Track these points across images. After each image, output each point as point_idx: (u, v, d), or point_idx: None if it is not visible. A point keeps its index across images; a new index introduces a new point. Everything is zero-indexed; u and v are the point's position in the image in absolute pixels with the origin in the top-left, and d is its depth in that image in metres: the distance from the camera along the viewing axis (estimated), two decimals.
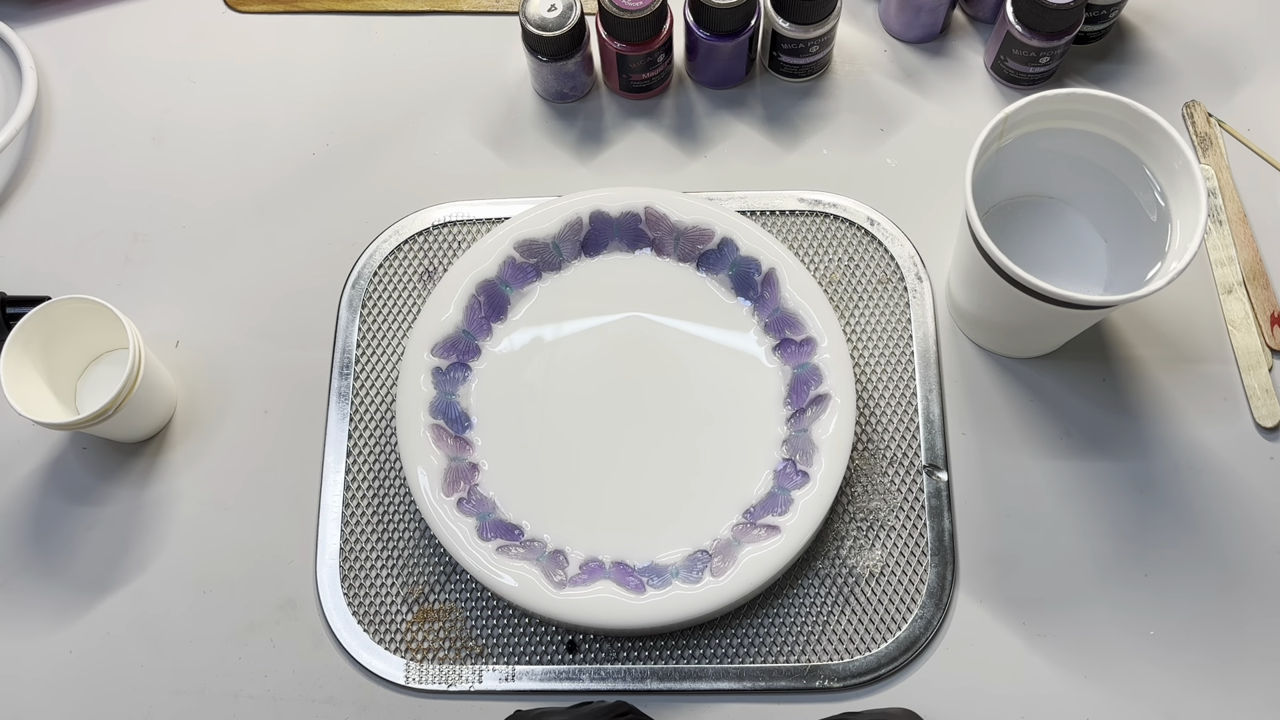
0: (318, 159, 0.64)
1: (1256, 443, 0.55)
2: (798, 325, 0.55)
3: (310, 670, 0.53)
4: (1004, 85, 0.64)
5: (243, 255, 0.62)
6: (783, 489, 0.52)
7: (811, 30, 0.60)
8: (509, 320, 0.57)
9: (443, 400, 0.55)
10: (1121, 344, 0.57)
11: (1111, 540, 0.54)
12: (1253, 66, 0.63)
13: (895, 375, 0.57)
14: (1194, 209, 0.47)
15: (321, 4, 0.68)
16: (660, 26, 0.59)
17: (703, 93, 0.64)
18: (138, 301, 0.60)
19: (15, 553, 0.55)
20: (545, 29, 0.59)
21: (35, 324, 0.53)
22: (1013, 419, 0.56)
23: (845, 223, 0.60)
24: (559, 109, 0.64)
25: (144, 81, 0.66)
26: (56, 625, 0.54)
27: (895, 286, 0.59)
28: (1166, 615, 0.52)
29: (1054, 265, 0.55)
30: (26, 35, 0.67)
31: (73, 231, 0.62)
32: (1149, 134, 0.49)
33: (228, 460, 0.57)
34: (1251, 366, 0.56)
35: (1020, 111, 0.50)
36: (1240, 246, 0.59)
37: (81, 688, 0.53)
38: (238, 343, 0.59)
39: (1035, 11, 0.57)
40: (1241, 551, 0.53)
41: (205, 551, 0.55)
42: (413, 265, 0.60)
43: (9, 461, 0.57)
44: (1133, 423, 0.56)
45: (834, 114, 0.63)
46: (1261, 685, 0.51)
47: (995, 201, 0.56)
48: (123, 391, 0.52)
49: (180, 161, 0.64)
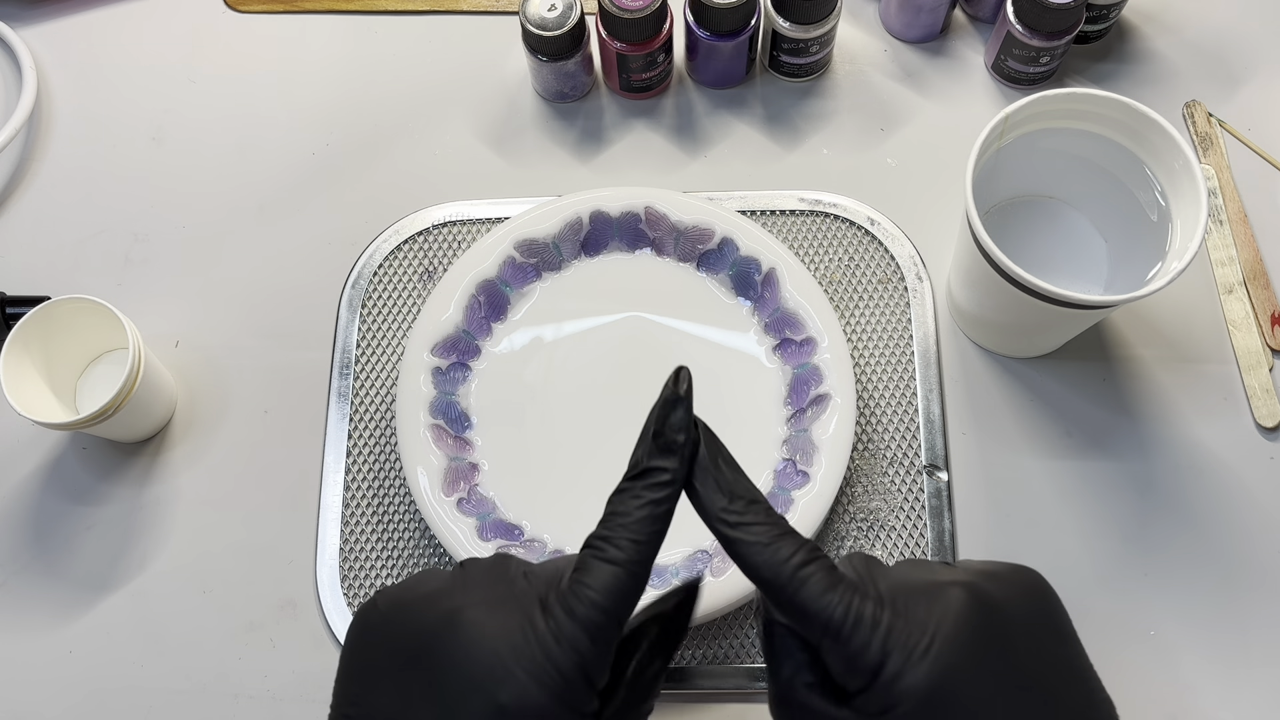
0: (318, 159, 0.64)
1: (1257, 443, 0.55)
2: (798, 325, 0.55)
3: (310, 670, 0.53)
4: (1004, 85, 0.63)
5: (243, 255, 0.61)
6: (783, 489, 0.52)
7: (812, 30, 0.60)
8: (509, 320, 0.57)
9: (443, 400, 0.55)
10: (1122, 344, 0.57)
11: (1111, 540, 0.54)
12: (1253, 66, 0.63)
13: (895, 375, 0.57)
14: (1194, 209, 0.47)
15: (321, 4, 0.68)
16: (660, 26, 0.59)
17: (703, 92, 0.64)
18: (138, 301, 0.60)
19: (15, 553, 0.55)
20: (545, 29, 0.59)
21: (35, 324, 0.53)
22: (1013, 419, 0.56)
23: (845, 223, 0.60)
24: (559, 109, 0.64)
25: (144, 81, 0.66)
26: (56, 625, 0.54)
27: (895, 286, 0.59)
28: (1166, 615, 0.52)
29: (1054, 265, 0.55)
30: (26, 35, 0.67)
31: (73, 231, 0.62)
32: (1149, 134, 0.49)
33: (228, 460, 0.57)
34: (1252, 366, 0.56)
35: (1020, 111, 0.50)
36: (1241, 246, 0.59)
37: (81, 687, 0.53)
38: (238, 343, 0.59)
39: (1035, 11, 0.57)
40: (1241, 551, 0.53)
41: (205, 551, 0.55)
42: (413, 265, 0.60)
43: (9, 461, 0.57)
44: (1133, 423, 0.56)
45: (834, 114, 0.63)
46: (1262, 685, 0.51)
47: (995, 201, 0.56)
48: (123, 391, 0.52)
49: (180, 161, 0.64)
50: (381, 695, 0.34)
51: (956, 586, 0.34)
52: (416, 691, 0.33)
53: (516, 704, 0.32)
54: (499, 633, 0.33)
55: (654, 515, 0.34)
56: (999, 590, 0.35)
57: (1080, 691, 0.34)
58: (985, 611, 0.33)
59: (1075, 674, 0.34)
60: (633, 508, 0.34)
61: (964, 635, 0.33)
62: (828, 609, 0.33)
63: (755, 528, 0.34)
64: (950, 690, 0.32)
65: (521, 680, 0.32)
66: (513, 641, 0.32)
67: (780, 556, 0.33)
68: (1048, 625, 0.35)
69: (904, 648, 0.32)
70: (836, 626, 0.33)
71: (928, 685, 0.32)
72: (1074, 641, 0.35)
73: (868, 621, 0.33)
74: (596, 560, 0.33)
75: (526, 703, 0.32)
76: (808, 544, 0.34)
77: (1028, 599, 0.35)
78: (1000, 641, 0.33)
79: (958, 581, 0.34)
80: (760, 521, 0.34)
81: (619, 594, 0.33)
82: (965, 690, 0.32)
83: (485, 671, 0.32)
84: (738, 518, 0.34)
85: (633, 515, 0.34)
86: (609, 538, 0.34)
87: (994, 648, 0.33)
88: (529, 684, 0.32)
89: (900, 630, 0.33)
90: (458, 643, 0.33)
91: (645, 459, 0.34)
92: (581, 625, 0.32)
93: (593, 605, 0.33)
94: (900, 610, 0.33)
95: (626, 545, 0.33)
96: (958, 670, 0.32)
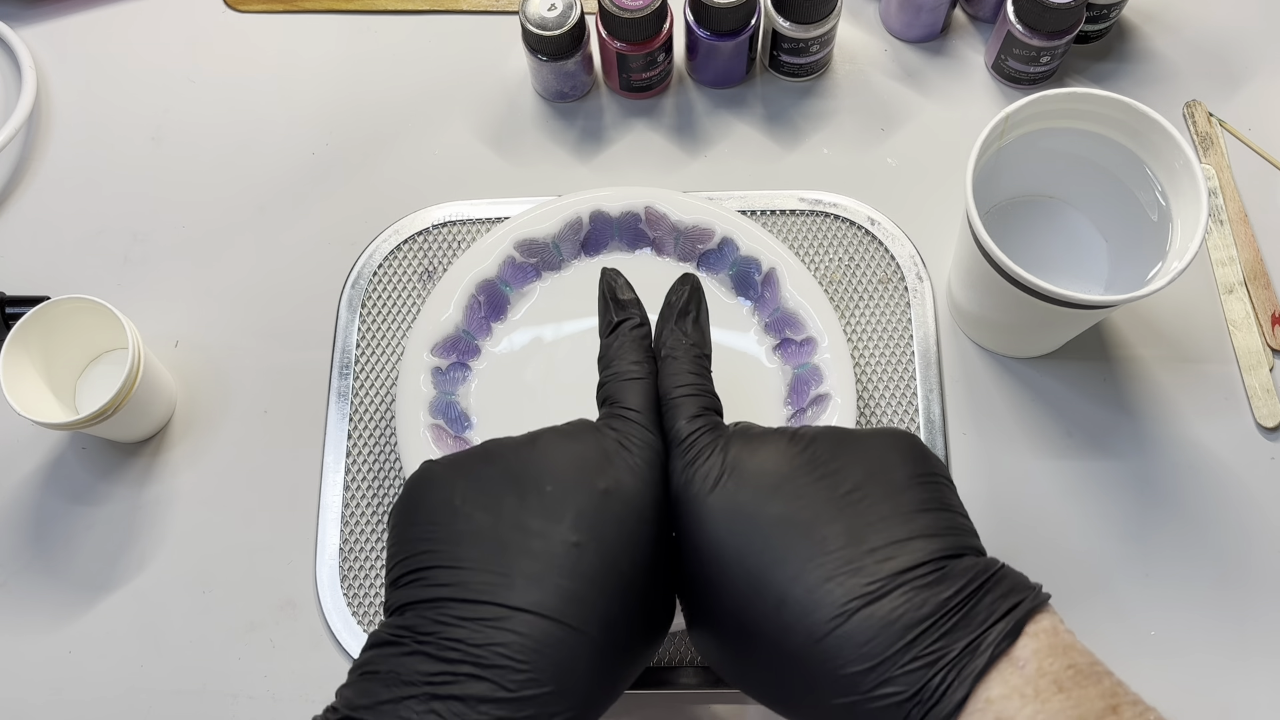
0: (317, 159, 0.64)
1: (1257, 443, 0.55)
2: (798, 325, 0.55)
3: (310, 670, 0.53)
4: (1004, 85, 0.63)
5: (243, 255, 0.61)
6: None
7: (812, 30, 0.60)
8: (509, 320, 0.57)
9: (442, 400, 0.54)
10: (1122, 344, 0.57)
11: (1111, 540, 0.53)
12: (1253, 66, 0.63)
13: (896, 375, 0.57)
14: (1195, 208, 0.47)
15: (321, 4, 0.68)
16: (660, 26, 0.59)
17: (703, 92, 0.64)
18: (137, 301, 0.60)
19: (15, 553, 0.55)
20: (545, 28, 0.59)
21: (34, 324, 0.53)
22: (1013, 419, 0.56)
23: (845, 222, 0.60)
24: (559, 109, 0.64)
25: (143, 81, 0.66)
26: (56, 625, 0.54)
27: (896, 286, 0.59)
28: (1166, 615, 0.52)
29: (1055, 265, 0.55)
30: (26, 35, 0.67)
31: (72, 231, 0.62)
32: (1150, 133, 0.49)
33: (228, 460, 0.57)
34: (1252, 366, 0.56)
35: (1021, 111, 0.50)
36: (1241, 246, 0.59)
37: (81, 688, 0.53)
38: (237, 343, 0.59)
39: (1036, 11, 0.57)
40: (1242, 551, 0.53)
41: (205, 551, 0.55)
42: (412, 265, 0.60)
43: (9, 461, 0.57)
44: (1133, 422, 0.56)
45: (834, 113, 0.63)
46: (1263, 685, 0.51)
47: (996, 201, 0.56)
48: (122, 391, 0.51)
49: (180, 161, 0.64)
50: (465, 520, 0.36)
51: (790, 433, 0.38)
52: (509, 506, 0.36)
53: (616, 487, 0.36)
54: (577, 448, 0.38)
55: (640, 346, 0.42)
56: (834, 439, 0.37)
57: (899, 525, 0.34)
58: (800, 448, 0.36)
59: (902, 507, 0.34)
60: (619, 346, 0.41)
61: (771, 465, 0.36)
62: (677, 425, 0.39)
63: (680, 361, 0.41)
64: (738, 514, 0.35)
65: (615, 470, 0.37)
66: (589, 452, 0.37)
67: (678, 383, 0.40)
68: (881, 469, 0.35)
69: (710, 470, 0.37)
70: (677, 440, 0.38)
71: (719, 507, 0.36)
72: (923, 488, 0.35)
73: (699, 446, 0.38)
74: (618, 383, 0.40)
75: (624, 487, 0.37)
76: (707, 389, 0.41)
77: (867, 449, 0.36)
78: (806, 474, 0.35)
79: (799, 432, 0.38)
80: (686, 359, 0.41)
81: (647, 397, 0.40)
82: (751, 514, 0.35)
83: (577, 472, 0.37)
84: (674, 352, 0.41)
85: (626, 350, 0.41)
86: (617, 372, 0.41)
87: (797, 479, 0.35)
88: (622, 473, 0.37)
89: (717, 458, 0.37)
90: (544, 457, 0.37)
91: (615, 315, 0.42)
92: (638, 424, 0.39)
93: (635, 411, 0.39)
94: (729, 447, 0.37)
95: (633, 367, 0.41)
96: (746, 495, 0.36)
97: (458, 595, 0.34)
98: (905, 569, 0.32)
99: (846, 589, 0.32)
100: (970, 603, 0.32)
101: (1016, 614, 0.32)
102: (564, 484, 0.36)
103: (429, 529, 0.36)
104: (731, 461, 0.37)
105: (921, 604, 0.32)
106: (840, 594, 0.32)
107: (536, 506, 0.36)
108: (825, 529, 0.34)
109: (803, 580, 0.33)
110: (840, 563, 0.33)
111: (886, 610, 0.32)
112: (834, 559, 0.33)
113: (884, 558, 0.33)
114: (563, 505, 0.35)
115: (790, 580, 0.33)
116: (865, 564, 0.33)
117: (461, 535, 0.35)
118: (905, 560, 0.33)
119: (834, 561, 0.33)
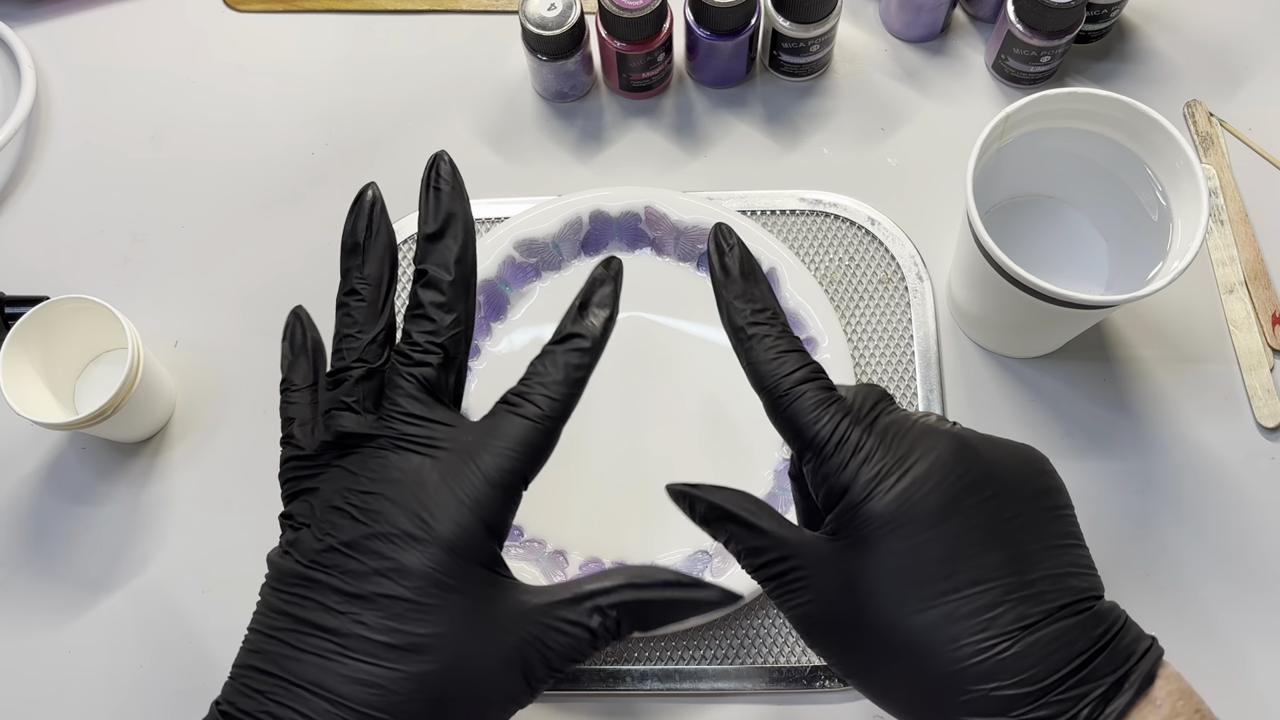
0: (317, 159, 0.64)
1: (1258, 443, 0.55)
2: (798, 325, 0.55)
3: None
4: (1005, 84, 0.63)
5: (243, 255, 0.61)
6: (783, 489, 0.52)
7: (812, 29, 0.60)
8: (509, 320, 0.57)
9: None
10: (1122, 344, 0.57)
11: (1111, 540, 0.53)
12: (1254, 66, 0.63)
13: (896, 375, 0.57)
14: (1195, 208, 0.47)
15: (321, 3, 0.68)
16: (660, 25, 0.59)
17: (703, 92, 0.64)
18: (137, 301, 0.60)
19: (15, 552, 0.55)
20: (545, 28, 0.59)
21: (34, 324, 0.53)
22: (1014, 419, 0.56)
23: (845, 222, 0.60)
24: (559, 108, 0.64)
25: (143, 81, 0.66)
26: (56, 625, 0.54)
27: (896, 286, 0.59)
28: (1166, 615, 0.52)
29: (1055, 265, 0.55)
30: (26, 35, 0.67)
31: (72, 231, 0.62)
32: (1150, 133, 0.49)
33: (227, 460, 0.57)
34: (1253, 366, 0.56)
35: (1021, 111, 0.49)
36: (1242, 246, 0.59)
37: (81, 688, 0.53)
38: (237, 343, 0.59)
39: (1036, 10, 0.57)
40: (1242, 551, 0.53)
41: (205, 551, 0.55)
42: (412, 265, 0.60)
43: (8, 461, 0.57)
44: (1134, 423, 0.56)
45: (834, 113, 0.63)
46: (1263, 685, 0.51)
47: (996, 201, 0.56)
48: (122, 391, 0.51)
49: (180, 161, 0.64)
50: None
51: (951, 435, 0.35)
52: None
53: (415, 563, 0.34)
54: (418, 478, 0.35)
55: (570, 378, 0.36)
56: (991, 450, 0.35)
57: (1052, 557, 0.34)
58: (969, 461, 0.34)
59: (1050, 538, 0.35)
60: (551, 368, 0.37)
61: (939, 476, 0.33)
62: (813, 424, 0.35)
63: (767, 339, 0.36)
64: (912, 523, 0.33)
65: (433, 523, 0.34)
66: (425, 487, 0.34)
67: (783, 369, 0.36)
68: (1034, 494, 0.35)
69: (876, 473, 0.34)
70: (820, 443, 0.34)
71: (891, 513, 0.33)
72: (1063, 520, 0.35)
73: (850, 444, 0.34)
74: (509, 414, 0.36)
75: (429, 551, 0.34)
76: (813, 364, 0.36)
77: (1021, 467, 0.35)
78: (976, 492, 0.34)
79: (955, 432, 0.35)
80: (773, 334, 0.36)
81: (527, 447, 0.35)
82: (926, 527, 0.33)
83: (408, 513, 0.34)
84: (755, 327, 0.37)
85: (550, 375, 0.36)
86: (525, 394, 0.36)
87: (969, 496, 0.34)
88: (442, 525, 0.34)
89: (878, 458, 0.34)
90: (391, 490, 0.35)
91: (569, 326, 0.37)
92: (484, 476, 0.34)
93: (500, 454, 0.35)
94: (886, 441, 0.34)
95: (542, 401, 0.36)
96: (925, 505, 0.33)
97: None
98: (1066, 604, 0.33)
99: (1015, 614, 0.33)
100: (1115, 643, 0.33)
101: (1151, 656, 0.33)
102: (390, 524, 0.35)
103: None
104: (899, 457, 0.34)
105: (1077, 639, 0.33)
106: (1009, 618, 0.33)
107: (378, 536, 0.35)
108: (994, 554, 0.34)
109: (971, 599, 0.33)
110: (1007, 590, 0.33)
111: (1049, 639, 0.33)
112: (1002, 585, 0.33)
113: (1044, 589, 0.33)
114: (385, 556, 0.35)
115: (957, 595, 0.33)
116: (1028, 593, 0.33)
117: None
118: (1065, 596, 0.33)
119: (1002, 587, 0.33)
